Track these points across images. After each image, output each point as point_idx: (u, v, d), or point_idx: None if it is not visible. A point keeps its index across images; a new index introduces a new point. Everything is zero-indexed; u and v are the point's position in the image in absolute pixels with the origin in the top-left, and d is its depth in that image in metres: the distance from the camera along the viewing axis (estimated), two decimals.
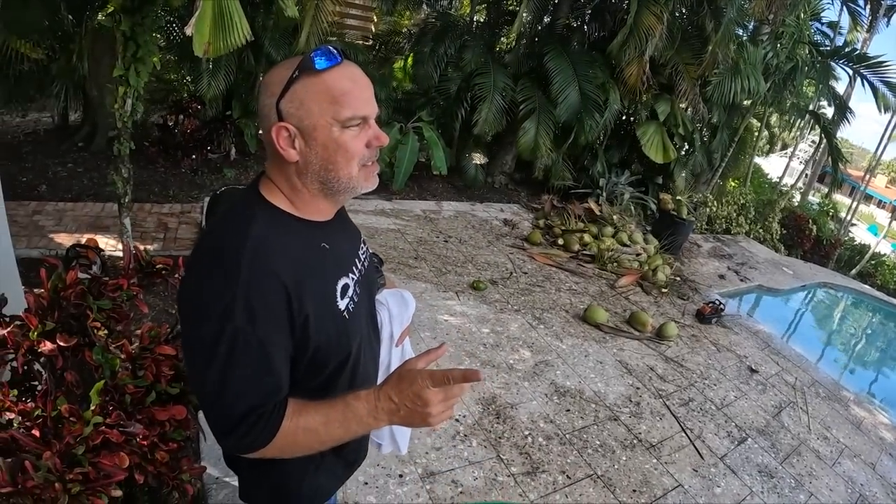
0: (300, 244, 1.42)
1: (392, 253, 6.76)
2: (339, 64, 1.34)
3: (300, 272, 1.36)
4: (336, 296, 1.50)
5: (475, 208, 9.45)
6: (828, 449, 5.73)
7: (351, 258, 1.66)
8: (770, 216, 14.75)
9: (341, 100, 1.32)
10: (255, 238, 1.30)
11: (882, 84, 13.94)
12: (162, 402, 2.15)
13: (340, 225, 1.65)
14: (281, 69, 1.35)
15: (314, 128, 1.33)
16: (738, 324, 8.18)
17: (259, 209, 1.40)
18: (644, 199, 11.60)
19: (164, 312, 4.80)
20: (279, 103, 1.33)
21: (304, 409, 1.34)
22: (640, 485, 4.34)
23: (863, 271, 17.59)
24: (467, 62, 9.56)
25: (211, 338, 1.24)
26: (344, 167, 1.39)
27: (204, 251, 1.37)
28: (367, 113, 1.38)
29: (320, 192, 1.44)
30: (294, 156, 1.37)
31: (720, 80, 10.74)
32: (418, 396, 1.29)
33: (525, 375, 5.21)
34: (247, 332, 1.24)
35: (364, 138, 1.40)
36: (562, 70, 9.39)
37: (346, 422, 1.34)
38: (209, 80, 7.50)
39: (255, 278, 1.25)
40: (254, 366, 1.28)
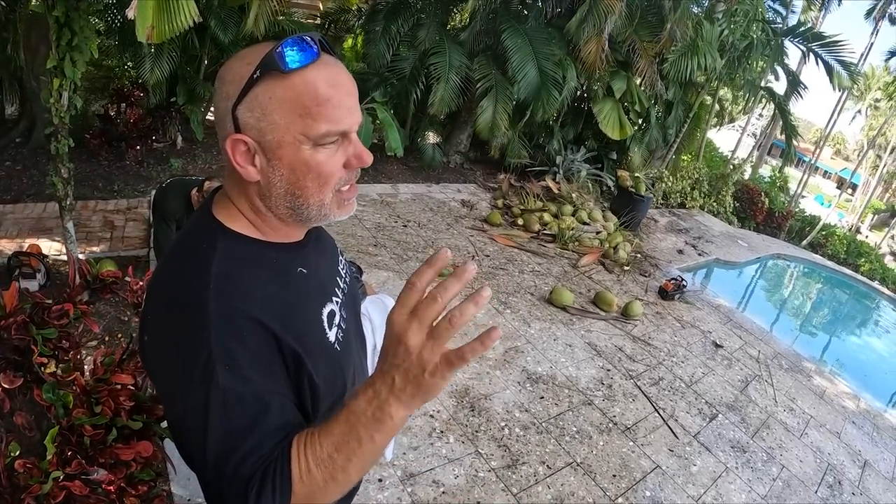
0: (273, 275, 1.18)
1: (350, 241, 6.59)
2: (316, 61, 1.06)
3: (280, 308, 1.13)
4: (324, 327, 1.27)
5: (432, 190, 9.31)
6: (795, 420, 5.86)
7: (332, 278, 1.43)
8: (723, 190, 14.89)
9: (316, 111, 1.05)
10: (219, 278, 1.07)
11: (836, 62, 14.14)
12: (125, 439, 1.96)
13: (315, 241, 1.38)
14: (239, 63, 1.08)
15: (279, 144, 1.07)
16: (700, 299, 8.25)
17: (219, 240, 1.14)
18: (601, 175, 11.61)
19: (116, 321, 4.54)
20: (235, 109, 1.06)
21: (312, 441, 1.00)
22: (619, 469, 4.34)
23: (813, 242, 17.93)
24: (421, 41, 9.37)
25: (201, 409, 1.01)
26: (315, 193, 1.13)
27: (163, 302, 1.12)
28: (347, 127, 1.10)
29: (289, 218, 1.18)
30: (254, 175, 1.11)
31: (677, 58, 10.76)
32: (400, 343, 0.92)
33: (496, 364, 5.14)
34: (236, 387, 1.02)
35: (342, 157, 1.13)
36: (519, 48, 9.27)
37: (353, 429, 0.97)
38: (152, 64, 7.20)
39: (229, 326, 1.04)
40: (256, 420, 1.03)
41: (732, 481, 4.63)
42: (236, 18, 7.63)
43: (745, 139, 30.51)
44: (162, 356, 1.10)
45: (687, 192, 13.92)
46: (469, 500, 3.63)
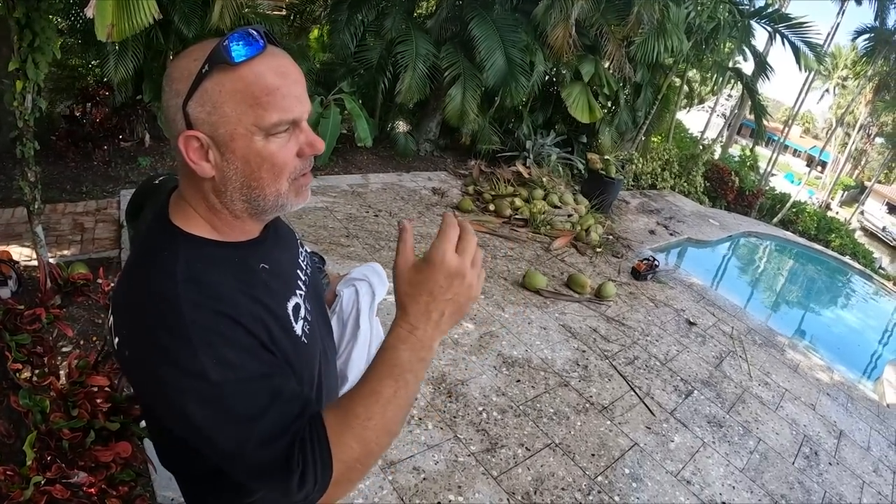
0: (235, 274, 1.16)
1: (322, 233, 6.53)
2: (263, 53, 1.06)
3: (245, 305, 1.11)
4: (290, 322, 1.25)
5: (402, 179, 9.27)
6: (769, 394, 5.93)
7: (293, 271, 1.41)
8: (693, 170, 15.00)
9: (265, 101, 1.05)
10: (186, 284, 1.05)
11: (803, 43, 14.27)
12: (103, 441, 1.93)
13: (274, 235, 1.36)
14: (186, 60, 1.07)
15: (231, 137, 1.06)
16: (673, 278, 8.30)
17: (179, 246, 1.13)
18: (571, 159, 11.65)
19: (89, 323, 4.46)
20: (186, 106, 1.05)
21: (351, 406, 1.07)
22: (597, 448, 4.36)
23: (784, 219, 18.10)
24: (387, 30, 9.31)
25: (200, 409, 1.01)
26: (270, 184, 1.13)
27: (137, 316, 1.08)
28: (297, 115, 1.10)
29: (245, 213, 1.18)
30: (208, 171, 1.10)
31: (644, 40, 10.79)
32: (451, 275, 1.04)
33: (472, 349, 5.13)
34: (230, 379, 1.02)
35: (294, 146, 1.13)
36: (487, 35, 9.23)
37: (403, 382, 1.07)
38: (116, 62, 7.07)
39: (206, 323, 1.03)
40: (261, 402, 1.04)
41: (710, 455, 4.67)
42: (200, 13, 7.50)
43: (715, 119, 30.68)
44: (147, 368, 1.07)
45: (657, 173, 14.00)
46: (450, 485, 3.62)
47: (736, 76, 15.68)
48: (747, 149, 21.48)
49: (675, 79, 14.39)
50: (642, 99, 13.08)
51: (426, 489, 3.54)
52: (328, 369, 1.53)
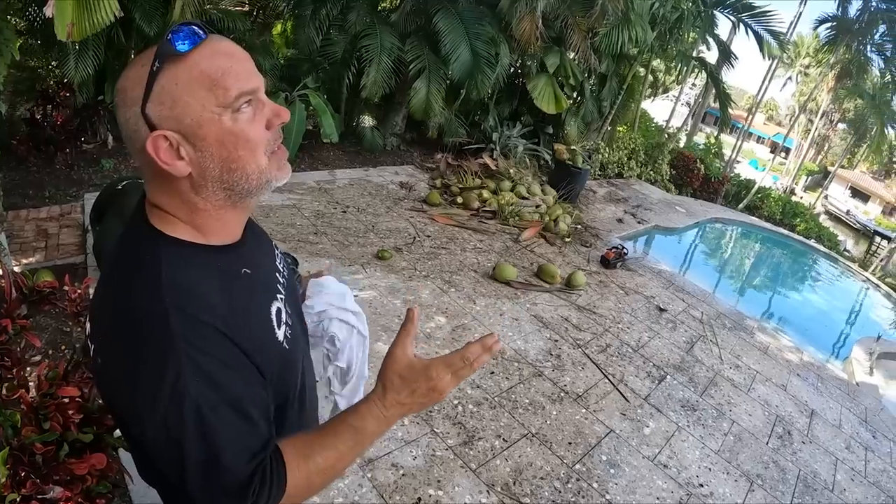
0: (220, 279, 1.14)
1: (290, 231, 6.46)
2: (207, 40, 1.06)
3: (232, 314, 1.10)
4: (273, 327, 1.24)
5: (369, 174, 9.21)
6: (741, 377, 6.01)
7: (273, 275, 1.39)
8: (659, 158, 15.10)
9: (222, 79, 1.04)
10: (171, 289, 1.03)
11: (766, 32, 14.41)
12: (77, 453, 1.86)
13: (253, 239, 1.33)
14: (133, 69, 1.06)
15: (199, 124, 1.04)
16: (642, 265, 8.36)
17: (161, 249, 1.10)
18: (538, 150, 11.64)
19: (58, 332, 4.35)
20: (145, 109, 1.03)
21: (310, 452, 1.16)
22: (574, 436, 4.38)
23: (750, 204, 18.29)
24: (351, 23, 9.24)
25: (174, 425, 0.99)
26: (250, 161, 1.11)
27: (116, 322, 1.06)
28: (254, 85, 1.09)
29: (227, 203, 1.15)
30: (184, 168, 1.07)
31: (609, 31, 10.81)
32: (433, 390, 1.20)
33: (444, 343, 5.11)
34: (211, 397, 1.01)
35: (262, 119, 1.12)
36: (452, 28, 9.21)
37: (359, 445, 1.21)
38: (76, 62, 6.92)
39: (192, 335, 1.01)
40: (238, 424, 1.05)
41: (685, 439, 4.71)
42: (161, 10, 7.36)
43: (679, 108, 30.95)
44: (123, 378, 1.03)
45: (624, 163, 14.09)
46: (429, 479, 3.60)
47: (700, 65, 15.79)
48: (712, 136, 21.62)
49: (640, 69, 14.46)
50: (607, 89, 13.13)
51: (405, 485, 3.52)
52: (310, 373, 1.55)
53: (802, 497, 4.53)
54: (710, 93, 18.75)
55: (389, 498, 3.40)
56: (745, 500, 4.26)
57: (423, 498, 3.47)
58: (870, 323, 11.74)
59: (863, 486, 4.98)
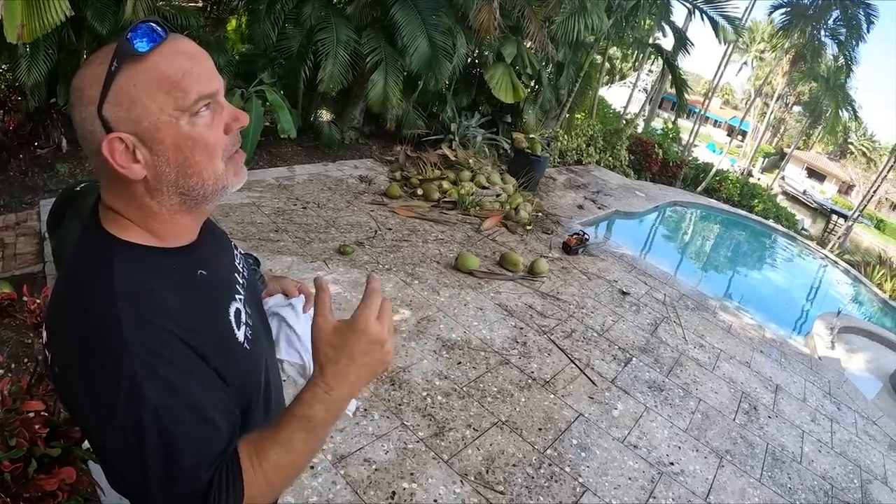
0: (175, 283, 1.11)
1: (250, 229, 6.35)
2: (167, 40, 1.02)
3: (188, 317, 1.07)
4: (233, 329, 1.21)
5: (328, 168, 9.13)
6: (705, 356, 6.09)
7: (231, 275, 1.35)
8: (618, 144, 15.23)
9: (181, 82, 1.01)
10: (125, 295, 1.00)
11: (722, 18, 14.57)
12: (46, 469, 1.82)
13: (209, 239, 1.30)
14: (91, 67, 1.02)
15: (156, 128, 1.01)
16: (603, 250, 8.43)
17: (114, 254, 1.06)
18: (496, 139, 11.66)
19: (19, 345, 4.22)
20: (102, 110, 1.00)
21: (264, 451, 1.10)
22: (544, 422, 4.38)
23: (708, 187, 18.49)
24: (307, 17, 9.12)
25: (133, 433, 0.96)
26: (207, 166, 1.08)
27: (70, 330, 1.02)
28: (214, 88, 1.07)
29: (182, 207, 1.12)
30: (140, 172, 1.04)
31: (565, 20, 10.84)
32: (371, 343, 1.10)
33: (410, 335, 5.08)
34: (169, 403, 0.98)
35: (220, 123, 1.09)
36: (410, 20, 9.14)
37: (312, 435, 1.12)
38: (28, 65, 6.74)
39: (147, 341, 0.98)
40: (198, 430, 1.03)
41: (654, 419, 4.76)
42: (114, 8, 7.19)
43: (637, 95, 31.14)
44: (80, 387, 1.01)
45: (583, 149, 14.18)
46: (402, 473, 3.58)
47: (656, 52, 15.96)
48: (669, 121, 21.92)
49: (597, 56, 14.57)
50: (565, 77, 13.21)
51: (379, 479, 3.50)
52: (273, 371, 1.49)
53: (771, 470, 4.60)
54: (666, 79, 18.97)
55: (364, 493, 3.37)
56: (715, 476, 4.31)
57: (397, 492, 3.45)
58: (829, 298, 11.99)
59: (830, 457, 5.07)
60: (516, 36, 11.09)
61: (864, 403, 6.29)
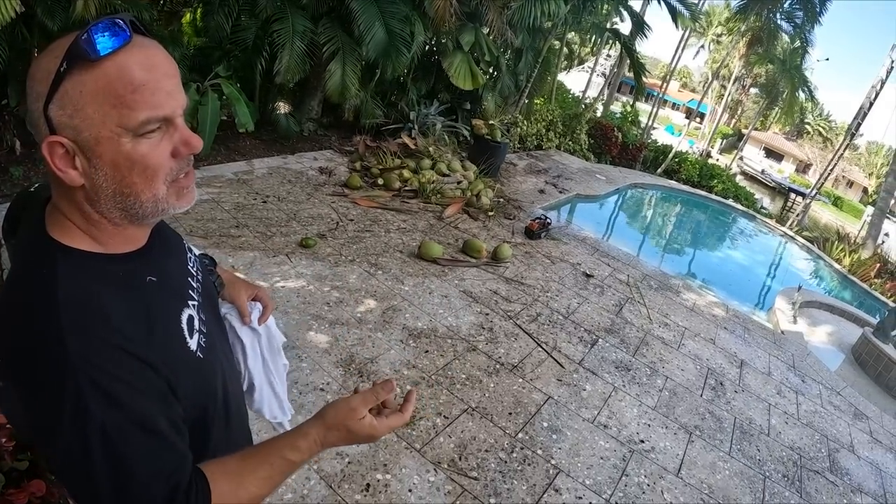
0: (122, 290, 1.05)
1: (211, 226, 6.23)
2: (128, 44, 0.95)
3: (136, 327, 1.02)
4: (184, 337, 1.16)
5: (288, 161, 9.03)
6: (670, 334, 6.17)
7: (184, 279, 1.30)
8: (577, 128, 15.32)
9: (131, 99, 0.95)
10: (67, 307, 0.94)
11: (679, 3, 14.70)
12: (14, 483, 1.77)
13: (160, 243, 1.24)
14: (47, 58, 0.96)
15: (96, 141, 0.96)
16: (566, 234, 8.50)
17: (58, 262, 1.01)
18: (456, 126, 11.65)
19: None
20: (47, 109, 0.95)
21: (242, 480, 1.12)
22: (513, 406, 4.39)
23: (668, 169, 18.69)
24: (262, 8, 9.00)
25: (79, 451, 0.91)
26: (145, 189, 1.03)
27: (12, 343, 0.97)
28: (169, 112, 1.01)
29: (124, 220, 1.07)
30: (77, 179, 0.99)
31: (522, 5, 10.86)
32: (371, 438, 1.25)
33: (376, 326, 5.03)
34: (115, 419, 0.93)
35: (168, 146, 1.03)
36: (365, 8, 9.06)
37: (289, 475, 1.21)
38: None
39: (91, 354, 0.92)
40: (148, 444, 0.98)
41: (622, 399, 4.79)
42: (65, 3, 7.00)
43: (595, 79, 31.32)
44: (24, 404, 0.96)
45: (542, 134, 14.25)
46: (375, 464, 3.55)
47: (614, 37, 16.05)
48: (628, 105, 22.00)
49: (555, 42, 14.60)
50: (523, 63, 13.25)
51: (353, 472, 3.47)
52: (233, 377, 1.46)
53: (740, 443, 4.66)
54: (625, 63, 19.12)
55: (338, 487, 3.34)
56: (685, 451, 4.35)
57: (371, 483, 3.42)
58: (790, 274, 12.17)
59: (797, 428, 5.16)
60: (474, 23, 11.07)
61: (827, 375, 6.40)
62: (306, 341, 4.52)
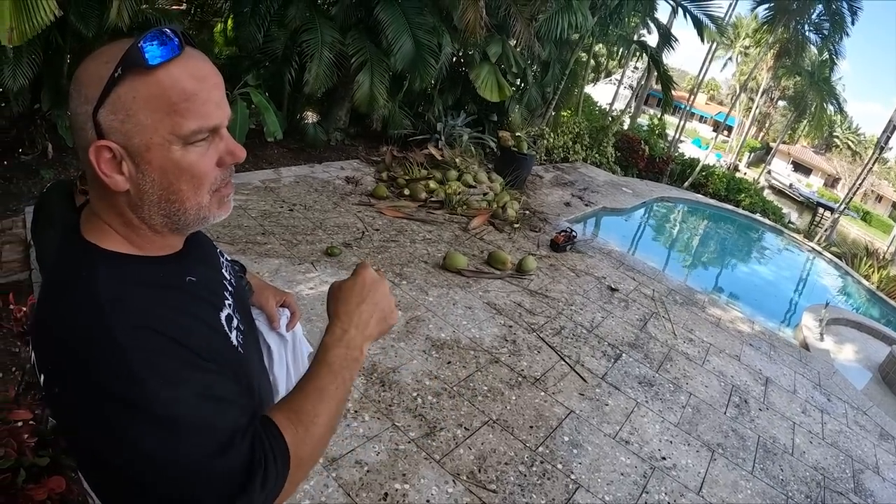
0: (163, 291, 1.09)
1: (237, 232, 6.30)
2: (180, 55, 0.99)
3: (180, 323, 1.04)
4: (226, 332, 1.19)
5: (315, 170, 9.09)
6: (695, 350, 6.11)
7: (219, 281, 1.33)
8: (604, 141, 15.28)
9: (184, 108, 0.98)
10: (112, 306, 0.96)
11: (705, 16, 14.64)
12: (34, 479, 1.78)
13: (195, 246, 1.27)
14: (96, 63, 0.98)
15: (147, 147, 0.98)
16: (591, 247, 8.44)
17: (97, 265, 1.03)
18: (483, 138, 11.66)
19: (5, 354, 4.09)
20: (97, 114, 0.96)
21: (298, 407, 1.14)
22: (535, 420, 4.36)
23: (695, 182, 18.56)
24: (291, 18, 9.09)
25: (152, 439, 0.92)
26: (191, 196, 1.06)
27: (62, 347, 0.98)
28: (217, 122, 1.04)
29: (165, 227, 1.09)
30: (122, 184, 1.01)
31: (549, 17, 10.87)
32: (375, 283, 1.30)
33: (399, 336, 5.05)
34: (181, 396, 0.95)
35: (214, 155, 1.06)
36: (394, 19, 9.12)
37: (338, 379, 1.18)
38: (13, 70, 6.61)
39: (144, 344, 0.95)
40: (216, 408, 0.99)
41: (644, 414, 4.75)
42: (98, 9, 7.08)
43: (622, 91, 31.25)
44: (83, 403, 0.95)
45: (569, 147, 14.22)
46: (394, 474, 3.56)
47: (641, 49, 16.01)
48: (655, 118, 21.92)
49: (582, 54, 14.58)
50: (550, 75, 13.26)
51: (371, 481, 3.47)
52: (264, 379, 1.48)
53: (763, 462, 4.61)
54: (652, 75, 19.04)
55: (356, 496, 3.35)
56: (707, 469, 4.31)
57: (389, 493, 3.43)
58: (817, 291, 12.05)
59: (821, 448, 5.09)
60: (501, 35, 11.10)
61: (853, 394, 6.32)
62: None
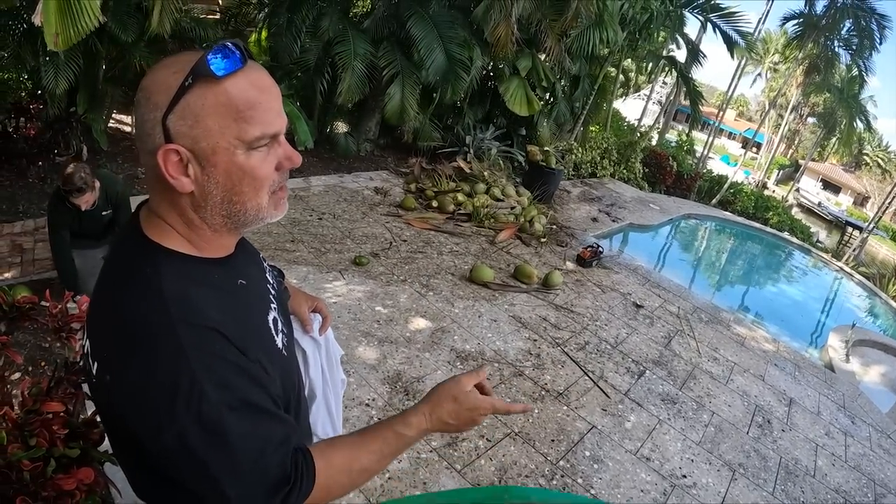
0: (217, 291, 1.16)
1: (267, 239, 6.41)
2: (244, 68, 1.06)
3: (234, 323, 1.11)
4: (273, 335, 1.28)
5: (344, 180, 9.18)
6: (719, 369, 6.08)
7: (265, 285, 1.41)
8: (632, 157, 15.25)
9: (249, 116, 1.05)
10: (174, 300, 1.04)
11: (734, 32, 14.61)
12: (64, 469, 1.82)
13: (243, 252, 1.35)
14: (164, 72, 1.05)
15: (213, 151, 1.05)
16: (617, 263, 8.42)
17: (160, 261, 1.10)
18: (511, 152, 11.71)
19: (37, 348, 4.25)
20: (166, 119, 1.03)
21: (356, 452, 1.27)
22: (556, 433, 4.38)
23: (723, 199, 18.48)
24: (324, 30, 9.20)
25: (195, 431, 0.98)
26: (252, 197, 1.13)
27: (121, 336, 1.05)
28: (277, 129, 1.11)
29: (224, 227, 1.17)
30: (188, 185, 1.08)
31: (580, 33, 10.92)
32: (474, 421, 1.38)
33: (424, 346, 5.09)
34: (232, 401, 1.03)
35: (273, 160, 1.13)
36: (426, 33, 9.21)
37: (399, 451, 1.32)
38: (55, 72, 6.71)
39: (202, 344, 1.02)
40: (264, 420, 1.09)
41: (666, 432, 4.75)
42: (137, 17, 7.21)
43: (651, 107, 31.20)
44: (136, 393, 1.01)
45: (597, 162, 14.20)
46: (415, 482, 3.60)
47: (670, 64, 15.99)
48: (683, 134, 21.89)
49: (611, 69, 14.59)
50: (580, 90, 13.28)
51: (392, 488, 3.51)
52: (300, 379, 1.55)
53: (785, 483, 4.59)
54: (680, 91, 19.00)
55: (377, 502, 3.40)
56: (728, 489, 4.31)
57: None
58: (844, 311, 11.94)
59: (844, 471, 5.05)
60: (531, 49, 11.15)
61: (878, 417, 6.27)
62: (355, 357, 4.60)
